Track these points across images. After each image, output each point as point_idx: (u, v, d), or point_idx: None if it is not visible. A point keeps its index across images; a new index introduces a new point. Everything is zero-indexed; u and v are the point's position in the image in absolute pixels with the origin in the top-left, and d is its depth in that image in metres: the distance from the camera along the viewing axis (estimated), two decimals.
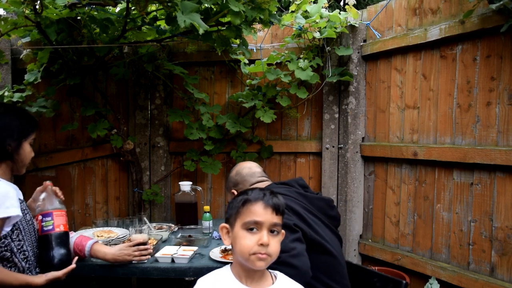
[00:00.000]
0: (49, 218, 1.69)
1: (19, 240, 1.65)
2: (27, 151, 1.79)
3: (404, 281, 1.78)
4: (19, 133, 1.74)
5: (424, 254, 2.37)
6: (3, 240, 1.60)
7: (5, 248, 1.61)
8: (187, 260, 2.01)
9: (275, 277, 1.30)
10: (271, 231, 1.22)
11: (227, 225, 1.29)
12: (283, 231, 1.29)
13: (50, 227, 1.68)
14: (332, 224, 1.83)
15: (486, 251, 2.05)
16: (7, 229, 1.60)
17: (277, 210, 1.23)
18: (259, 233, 1.20)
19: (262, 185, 1.91)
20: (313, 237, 1.62)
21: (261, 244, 1.18)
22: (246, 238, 1.20)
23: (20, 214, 1.61)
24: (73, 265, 1.73)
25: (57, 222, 1.70)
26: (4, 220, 1.57)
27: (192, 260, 2.05)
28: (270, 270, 1.30)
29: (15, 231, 1.63)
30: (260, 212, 1.21)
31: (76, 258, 1.80)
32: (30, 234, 1.71)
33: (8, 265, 1.63)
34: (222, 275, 1.26)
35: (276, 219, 1.23)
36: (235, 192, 1.97)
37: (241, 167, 2.05)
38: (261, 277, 1.25)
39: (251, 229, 1.21)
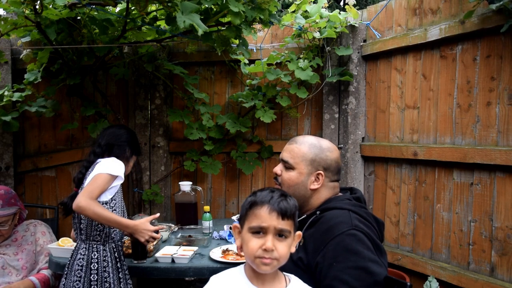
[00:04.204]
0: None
1: (113, 210, 1.94)
2: (130, 165, 2.14)
3: (409, 283, 1.77)
4: (133, 146, 2.12)
5: (424, 254, 2.37)
6: (103, 204, 1.91)
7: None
8: (187, 260, 2.01)
9: (289, 280, 1.27)
10: (279, 235, 1.19)
11: (238, 226, 1.27)
12: (299, 232, 1.25)
13: None
14: None
15: (486, 251, 2.05)
16: (109, 195, 1.92)
17: (283, 215, 1.19)
18: (264, 237, 1.18)
19: (335, 191, 1.61)
20: (386, 275, 1.49)
21: (265, 250, 1.16)
22: (252, 242, 1.18)
23: (123, 178, 1.96)
24: (161, 226, 2.11)
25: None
26: (114, 177, 1.91)
27: (192, 260, 2.05)
28: (284, 273, 1.28)
29: (113, 201, 1.95)
30: (265, 217, 1.18)
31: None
32: (121, 206, 2.01)
33: None
34: (234, 275, 1.25)
35: (283, 224, 1.18)
36: (322, 175, 1.56)
37: (331, 150, 1.59)
38: (273, 279, 1.23)
39: (258, 233, 1.19)
